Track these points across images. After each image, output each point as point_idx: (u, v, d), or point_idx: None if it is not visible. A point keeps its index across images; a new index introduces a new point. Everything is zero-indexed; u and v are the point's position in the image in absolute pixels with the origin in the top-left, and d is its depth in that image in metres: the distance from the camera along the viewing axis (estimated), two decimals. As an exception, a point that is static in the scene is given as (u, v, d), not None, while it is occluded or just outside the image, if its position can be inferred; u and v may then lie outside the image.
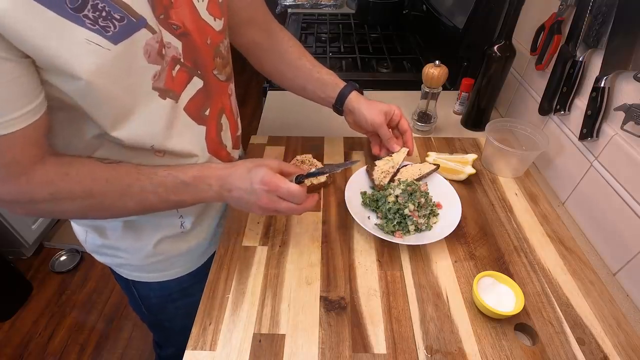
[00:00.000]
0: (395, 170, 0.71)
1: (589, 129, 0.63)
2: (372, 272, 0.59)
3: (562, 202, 0.73)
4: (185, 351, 0.49)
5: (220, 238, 0.65)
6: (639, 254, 0.55)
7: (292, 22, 1.57)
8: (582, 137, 0.64)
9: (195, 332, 0.51)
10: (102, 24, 0.38)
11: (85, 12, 0.36)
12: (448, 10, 1.17)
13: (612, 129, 0.60)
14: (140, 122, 0.47)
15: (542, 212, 0.69)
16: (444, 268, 0.59)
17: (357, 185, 0.70)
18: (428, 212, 0.65)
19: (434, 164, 0.68)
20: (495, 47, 0.79)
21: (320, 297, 0.55)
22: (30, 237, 1.66)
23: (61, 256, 1.70)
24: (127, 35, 0.40)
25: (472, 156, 0.76)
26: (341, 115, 0.73)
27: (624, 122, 0.55)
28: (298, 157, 0.77)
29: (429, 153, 0.79)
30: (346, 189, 0.68)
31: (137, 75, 0.44)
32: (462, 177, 0.74)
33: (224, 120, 0.61)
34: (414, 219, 0.63)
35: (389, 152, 0.73)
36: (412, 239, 0.62)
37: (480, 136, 0.89)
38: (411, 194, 0.65)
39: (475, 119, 0.91)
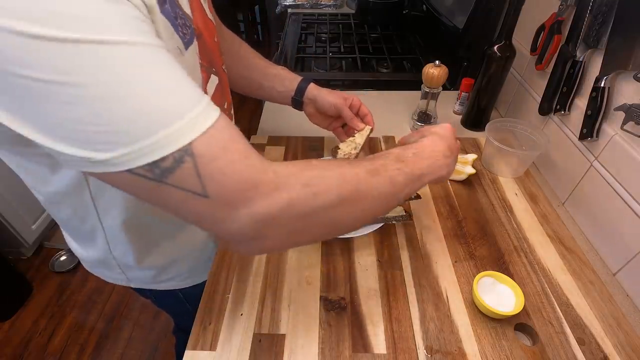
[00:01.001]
0: (357, 151, 0.69)
1: (589, 129, 0.63)
2: (372, 272, 0.59)
3: (562, 202, 0.73)
4: (185, 351, 0.49)
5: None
6: (639, 254, 0.55)
7: (292, 22, 1.57)
8: (582, 137, 0.64)
9: (195, 332, 0.51)
10: (183, 32, 0.39)
11: (179, 19, 0.38)
12: (448, 10, 1.17)
13: (612, 129, 0.60)
14: None
15: (542, 212, 0.69)
16: (444, 268, 0.59)
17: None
18: None
19: (405, 212, 0.64)
20: (495, 47, 0.79)
21: (320, 297, 0.55)
22: (30, 237, 1.66)
23: (61, 256, 1.70)
24: (191, 42, 0.41)
25: (472, 156, 0.76)
26: (299, 108, 0.73)
27: (624, 122, 0.55)
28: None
29: (429, 153, 0.79)
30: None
31: (198, 83, 0.44)
32: (462, 177, 0.74)
33: (232, 111, 0.62)
34: None
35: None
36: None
37: (480, 136, 0.89)
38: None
39: (475, 119, 0.91)
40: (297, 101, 0.72)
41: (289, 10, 1.71)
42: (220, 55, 0.55)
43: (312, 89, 0.70)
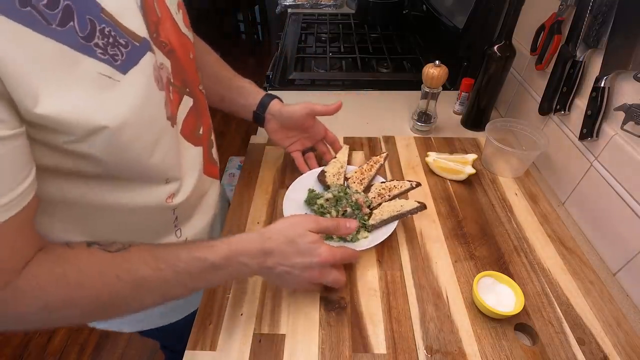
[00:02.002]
0: (345, 169, 0.71)
1: (589, 129, 0.63)
2: (372, 272, 0.59)
3: (562, 202, 0.73)
4: (185, 351, 0.49)
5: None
6: (639, 254, 0.55)
7: (292, 22, 1.57)
8: (582, 137, 0.64)
9: (195, 332, 0.51)
10: (111, 52, 0.33)
11: (96, 39, 0.32)
12: (448, 10, 1.17)
13: (612, 129, 0.60)
14: (159, 161, 0.41)
15: (542, 212, 0.69)
16: (444, 268, 0.59)
17: (307, 182, 0.70)
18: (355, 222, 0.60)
19: (419, 203, 0.62)
20: (495, 47, 0.79)
21: (320, 297, 0.55)
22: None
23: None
24: (134, 62, 0.35)
25: (472, 156, 0.76)
26: (260, 123, 0.70)
27: (624, 122, 0.55)
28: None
29: (428, 153, 0.79)
30: (294, 182, 0.69)
31: (154, 107, 0.38)
32: (462, 177, 0.74)
33: (212, 135, 0.57)
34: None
35: (319, 161, 0.76)
36: (332, 244, 0.58)
37: (480, 136, 0.89)
38: (338, 201, 0.63)
39: (475, 119, 0.91)
40: (259, 116, 0.68)
41: (289, 10, 1.71)
42: (197, 73, 0.51)
43: (276, 104, 0.67)
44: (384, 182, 0.69)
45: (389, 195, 0.66)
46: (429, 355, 0.49)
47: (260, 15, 3.78)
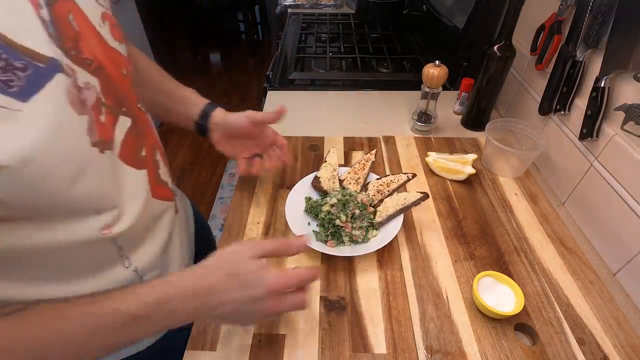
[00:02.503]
0: (337, 172, 0.71)
1: (589, 129, 0.63)
2: (372, 272, 0.59)
3: (562, 202, 0.73)
4: (185, 351, 0.49)
5: (221, 238, 0.65)
6: (639, 254, 0.55)
7: (292, 22, 1.57)
8: (582, 137, 0.64)
9: (195, 332, 0.51)
10: (3, 78, 0.27)
11: None
12: (448, 10, 1.17)
13: (612, 129, 0.60)
14: (84, 193, 0.35)
15: (542, 212, 0.69)
16: (444, 268, 0.59)
17: (303, 190, 0.70)
18: (365, 224, 0.62)
19: (422, 193, 0.64)
20: (495, 47, 0.79)
21: (320, 297, 0.55)
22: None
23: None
24: (37, 87, 0.29)
25: (472, 156, 0.76)
26: (203, 133, 0.65)
27: (624, 122, 0.55)
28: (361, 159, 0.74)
29: (429, 153, 0.79)
30: (290, 194, 0.68)
31: (70, 135, 0.33)
32: (462, 177, 0.74)
33: (158, 155, 0.51)
34: (347, 230, 0.61)
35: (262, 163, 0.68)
36: (347, 250, 0.60)
37: (480, 136, 0.89)
38: (345, 204, 0.62)
39: (475, 119, 0.91)
40: (202, 126, 0.63)
41: (289, 10, 1.71)
42: (133, 90, 0.46)
43: (219, 112, 0.63)
44: (380, 179, 0.70)
45: (388, 191, 0.67)
46: (429, 355, 0.49)
47: (260, 15, 3.78)
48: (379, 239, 0.61)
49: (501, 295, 0.53)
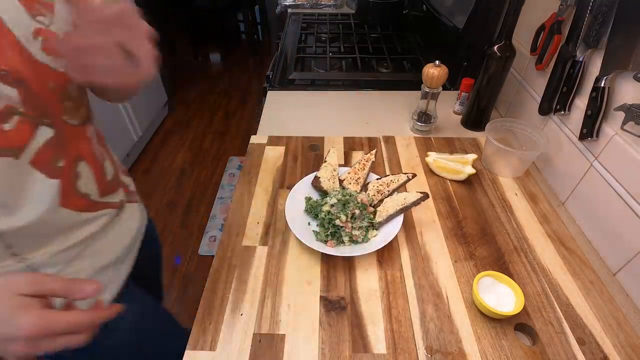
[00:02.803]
0: (337, 172, 0.71)
1: (589, 129, 0.63)
2: (372, 272, 0.59)
3: (562, 202, 0.73)
4: (185, 351, 0.49)
5: (220, 238, 0.65)
6: (639, 254, 0.55)
7: (292, 22, 1.57)
8: (582, 137, 0.64)
9: (195, 332, 0.51)
10: None
11: None
12: (448, 10, 1.17)
13: (612, 129, 0.60)
14: None
15: (542, 212, 0.69)
16: (444, 268, 0.59)
17: (303, 190, 0.70)
18: (365, 224, 0.62)
19: (422, 193, 0.64)
20: (495, 47, 0.79)
21: (320, 297, 0.55)
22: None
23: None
24: None
25: (472, 156, 0.76)
26: None
27: (624, 122, 0.55)
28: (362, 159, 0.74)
29: (429, 153, 0.79)
30: (290, 194, 0.68)
31: None
32: (462, 177, 0.74)
33: (83, 167, 0.51)
34: (347, 230, 0.61)
35: None
36: (347, 250, 0.60)
37: (480, 136, 0.89)
38: (345, 204, 0.62)
39: (475, 119, 0.91)
40: None
41: (289, 10, 1.71)
42: (61, 103, 0.46)
43: None
44: (380, 179, 0.70)
45: (388, 191, 0.67)
46: (429, 355, 0.49)
47: (260, 15, 3.79)
48: (379, 239, 0.61)
49: (501, 295, 0.53)
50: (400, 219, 0.63)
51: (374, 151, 0.75)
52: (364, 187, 0.70)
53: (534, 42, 0.78)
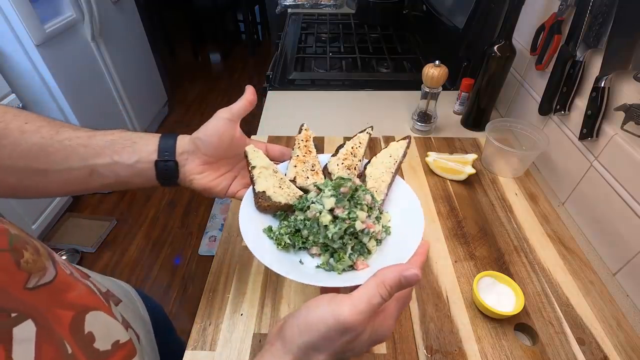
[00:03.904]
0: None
1: (589, 129, 0.63)
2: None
3: (562, 202, 0.73)
4: (185, 351, 0.49)
5: (220, 238, 0.65)
6: (639, 254, 0.55)
7: (292, 22, 1.57)
8: (582, 137, 0.64)
9: (195, 332, 0.51)
10: None
11: None
12: (448, 10, 1.17)
13: (612, 129, 0.60)
14: None
15: (542, 212, 0.69)
16: (444, 268, 0.59)
17: (253, 220, 0.44)
18: (377, 212, 0.44)
19: (403, 138, 0.50)
20: (495, 47, 0.79)
21: (320, 297, 0.55)
22: (30, 237, 1.65)
23: (61, 256, 1.70)
24: None
25: (472, 156, 0.76)
26: (169, 177, 0.44)
27: (624, 122, 0.55)
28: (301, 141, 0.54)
29: (429, 153, 0.79)
30: (242, 232, 0.41)
31: None
32: (462, 177, 0.74)
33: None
34: (371, 230, 0.41)
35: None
36: (379, 260, 0.42)
37: (480, 136, 0.89)
38: (352, 196, 0.42)
39: (475, 119, 0.91)
40: (166, 165, 0.43)
41: (289, 10, 1.71)
42: None
43: (183, 138, 0.44)
44: (334, 155, 0.52)
45: (360, 160, 0.51)
46: (429, 355, 0.49)
47: (260, 15, 3.79)
48: (399, 224, 0.45)
49: (501, 295, 0.53)
50: (406, 188, 0.47)
51: (369, 127, 0.56)
52: (361, 176, 0.50)
53: (534, 42, 0.78)
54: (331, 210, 0.40)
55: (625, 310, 0.54)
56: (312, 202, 0.42)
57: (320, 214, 0.41)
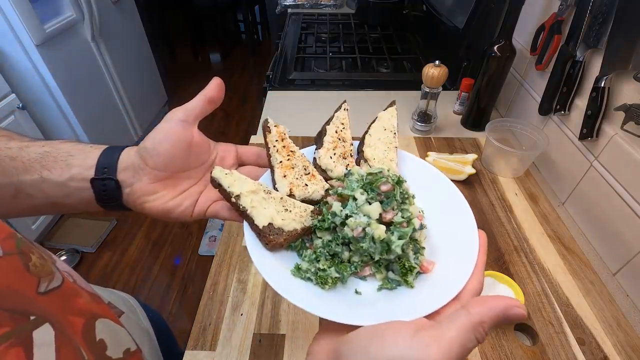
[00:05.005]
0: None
1: (589, 129, 0.63)
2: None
3: (562, 202, 0.73)
4: (185, 351, 0.49)
5: (220, 238, 0.65)
6: (639, 254, 0.55)
7: (292, 22, 1.57)
8: (582, 137, 0.64)
9: (195, 332, 0.51)
10: None
11: None
12: (448, 10, 1.17)
13: (612, 129, 0.60)
14: None
15: (542, 212, 0.69)
16: (444, 268, 0.59)
17: (271, 264, 0.32)
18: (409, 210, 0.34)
19: (388, 105, 0.42)
20: (495, 47, 0.79)
21: (320, 297, 0.55)
22: (30, 237, 1.65)
23: (61, 256, 1.70)
24: None
25: (472, 156, 0.76)
26: (112, 199, 0.35)
27: (624, 122, 0.55)
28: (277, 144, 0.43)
29: (429, 153, 0.79)
30: (275, 289, 0.30)
31: None
32: (462, 177, 0.74)
33: None
34: (421, 221, 0.33)
35: None
36: (433, 251, 0.34)
37: (480, 136, 0.89)
38: (398, 192, 0.33)
39: (475, 119, 0.91)
40: (107, 184, 0.35)
41: (289, 10, 1.71)
42: None
43: (131, 150, 0.36)
44: (324, 144, 0.43)
45: (351, 143, 0.43)
46: (429, 355, 0.49)
47: (260, 15, 3.79)
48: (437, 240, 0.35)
49: (501, 295, 0.53)
50: (414, 159, 0.41)
51: (343, 102, 0.49)
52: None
53: (534, 42, 0.78)
54: (379, 218, 0.32)
55: (625, 310, 0.54)
56: (348, 216, 0.32)
57: (370, 226, 0.31)
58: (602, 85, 0.59)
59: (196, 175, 0.38)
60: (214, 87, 0.37)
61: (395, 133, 0.42)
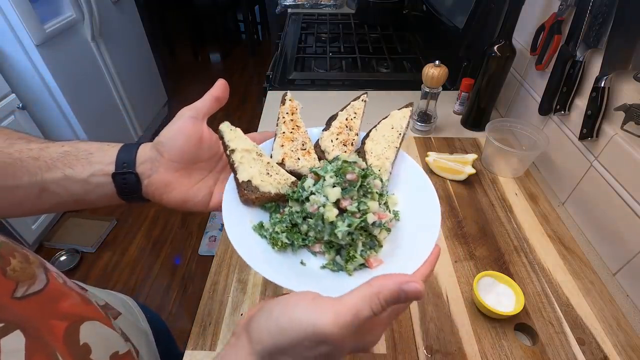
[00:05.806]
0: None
1: (589, 129, 0.63)
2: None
3: (562, 202, 0.73)
4: (185, 351, 0.49)
5: (220, 238, 0.65)
6: (639, 254, 0.55)
7: (292, 22, 1.57)
8: (582, 137, 0.64)
9: (195, 332, 0.51)
10: None
11: None
12: (448, 10, 1.17)
13: (612, 129, 0.60)
14: None
15: (542, 212, 0.69)
16: (444, 268, 0.59)
17: (239, 215, 0.36)
18: (385, 197, 0.39)
19: (405, 106, 0.44)
20: (495, 47, 0.79)
21: (320, 297, 0.55)
22: (30, 237, 1.65)
23: (61, 256, 1.70)
24: None
25: (472, 156, 0.76)
26: (130, 191, 0.38)
27: (624, 122, 0.55)
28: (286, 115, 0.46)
29: (429, 153, 0.79)
30: (228, 233, 0.33)
31: None
32: (462, 177, 0.74)
33: None
34: (383, 220, 0.35)
35: None
36: (391, 253, 0.35)
37: (480, 136, 0.89)
38: (361, 184, 0.35)
39: (475, 119, 0.91)
40: (125, 178, 0.37)
41: (289, 10, 1.71)
42: None
43: (147, 145, 0.39)
44: (326, 129, 0.45)
45: (356, 134, 0.43)
46: (429, 355, 0.49)
47: (260, 15, 3.79)
48: (406, 209, 0.39)
49: (501, 295, 0.53)
50: (411, 163, 0.42)
51: (363, 94, 0.48)
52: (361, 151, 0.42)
53: (534, 42, 0.78)
54: (336, 202, 0.34)
55: (625, 310, 0.54)
56: (312, 193, 0.35)
57: (324, 207, 0.33)
58: (602, 85, 0.59)
59: (208, 166, 0.41)
60: (220, 87, 0.41)
61: (400, 134, 0.43)
